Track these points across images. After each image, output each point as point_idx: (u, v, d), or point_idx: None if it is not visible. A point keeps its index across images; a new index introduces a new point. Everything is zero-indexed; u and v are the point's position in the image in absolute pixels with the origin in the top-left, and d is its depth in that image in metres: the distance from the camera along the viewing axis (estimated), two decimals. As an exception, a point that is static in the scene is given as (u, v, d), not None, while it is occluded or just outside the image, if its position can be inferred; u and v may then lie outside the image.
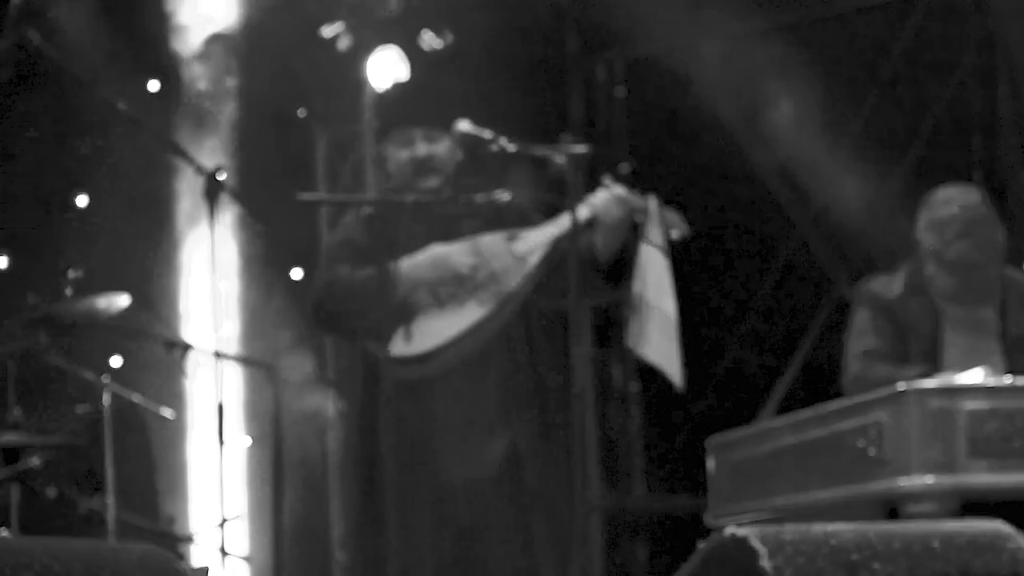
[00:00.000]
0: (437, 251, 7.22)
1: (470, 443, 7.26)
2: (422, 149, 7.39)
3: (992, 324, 7.71)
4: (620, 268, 7.24)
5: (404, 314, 7.11)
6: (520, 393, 7.36)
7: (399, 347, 7.07)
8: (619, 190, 7.20)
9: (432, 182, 7.37)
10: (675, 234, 7.23)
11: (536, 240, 7.26)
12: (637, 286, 7.19)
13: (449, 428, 7.24)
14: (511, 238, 7.28)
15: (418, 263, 7.16)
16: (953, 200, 7.66)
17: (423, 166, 7.35)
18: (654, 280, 7.19)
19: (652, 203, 7.21)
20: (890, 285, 7.77)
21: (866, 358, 7.59)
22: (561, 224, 7.17)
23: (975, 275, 7.63)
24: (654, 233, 7.19)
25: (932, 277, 7.68)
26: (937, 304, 7.69)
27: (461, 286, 7.15)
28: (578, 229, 6.96)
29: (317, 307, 7.34)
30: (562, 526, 7.42)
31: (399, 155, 7.43)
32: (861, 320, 7.74)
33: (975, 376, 7.10)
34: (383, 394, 7.05)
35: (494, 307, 7.18)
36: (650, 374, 12.29)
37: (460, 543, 7.27)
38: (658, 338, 7.23)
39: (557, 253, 7.19)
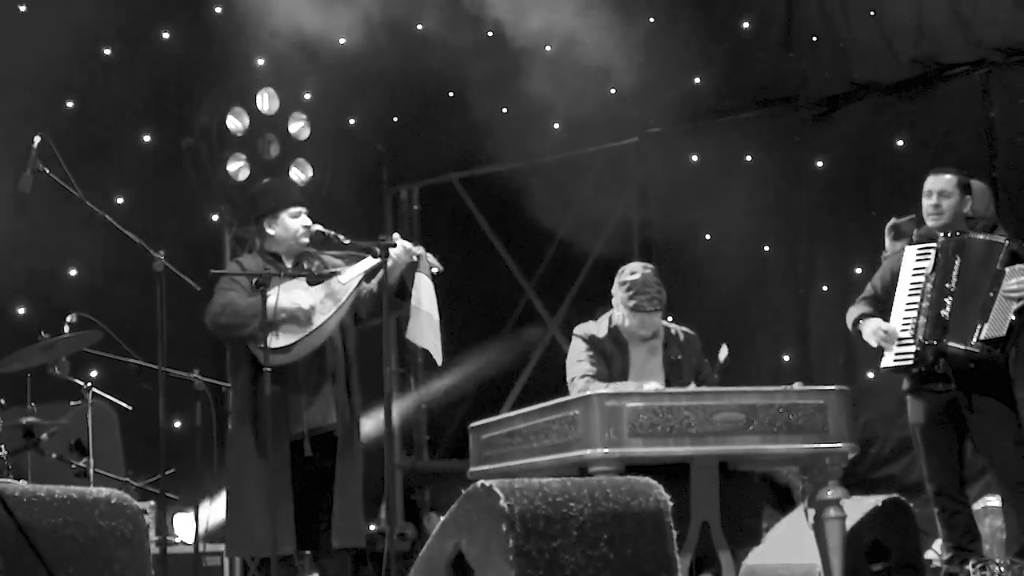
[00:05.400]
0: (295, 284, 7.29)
1: (315, 405, 7.29)
2: (307, 220, 7.46)
3: (658, 352, 7.72)
4: (404, 289, 7.33)
5: (274, 323, 7.12)
6: (340, 380, 7.41)
7: (271, 342, 7.08)
8: (405, 243, 7.31)
9: (307, 240, 7.47)
10: (434, 270, 7.36)
11: (353, 272, 7.35)
12: (414, 299, 7.28)
13: (300, 394, 7.25)
14: (338, 272, 7.36)
15: (283, 291, 7.20)
16: (635, 270, 7.68)
17: (316, 232, 7.42)
18: (425, 295, 7.29)
19: (421, 249, 7.34)
20: (598, 327, 7.78)
21: (587, 379, 7.63)
22: (367, 263, 7.34)
23: (647, 318, 7.63)
24: (424, 267, 7.32)
25: (621, 319, 7.69)
26: (624, 339, 7.72)
27: (311, 304, 7.23)
28: (386, 267, 7.12)
29: (214, 320, 7.29)
30: (374, 479, 7.51)
31: (291, 222, 7.47)
32: (578, 351, 7.72)
33: (643, 387, 7.24)
34: (260, 374, 7.05)
35: (329, 314, 7.21)
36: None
37: (311, 470, 7.30)
38: (427, 332, 7.30)
39: (364, 287, 7.37)
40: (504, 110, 11.72)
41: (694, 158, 11.48)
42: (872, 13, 10.27)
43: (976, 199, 7.97)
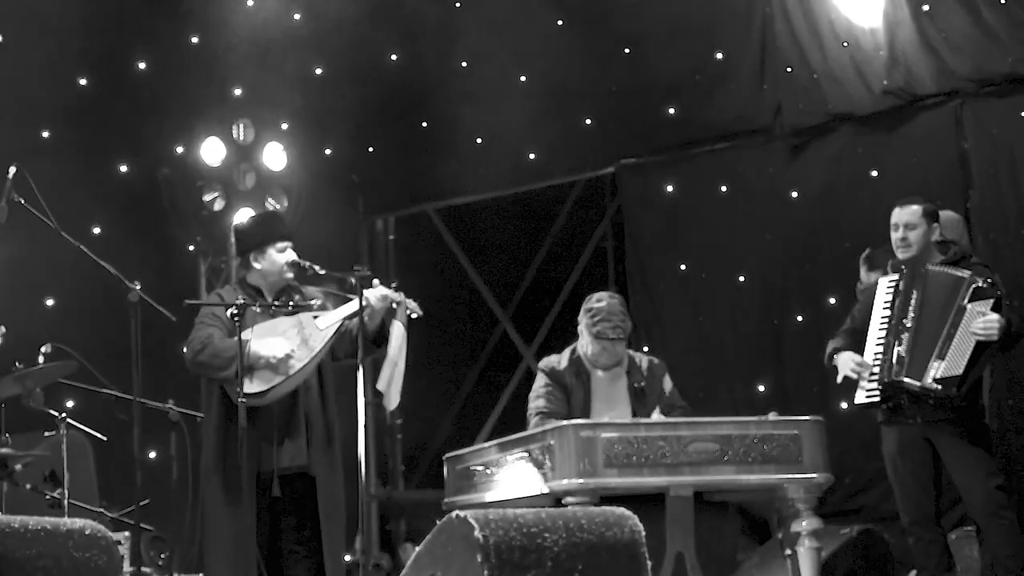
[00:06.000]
0: (272, 325, 7.26)
1: (285, 446, 7.26)
2: (293, 254, 7.44)
3: (622, 380, 7.74)
4: (381, 336, 7.31)
5: (250, 367, 7.10)
6: (316, 420, 7.38)
7: (247, 386, 7.05)
8: (383, 289, 7.29)
9: (291, 274, 7.46)
10: (413, 315, 7.34)
11: (332, 318, 7.33)
12: (387, 347, 7.28)
13: (271, 436, 7.23)
14: (316, 316, 7.33)
15: (261, 332, 7.18)
16: (601, 298, 7.73)
17: (292, 263, 7.42)
18: (396, 344, 7.27)
19: (400, 295, 7.32)
20: (559, 359, 7.82)
21: (540, 416, 7.64)
22: (347, 308, 7.30)
23: (610, 346, 7.67)
24: (401, 315, 7.30)
25: (585, 347, 7.73)
26: (587, 367, 7.75)
27: (287, 352, 7.20)
28: (363, 312, 7.09)
29: (193, 358, 7.27)
30: (348, 509, 7.48)
31: (278, 256, 7.45)
32: (538, 386, 7.77)
33: (605, 416, 7.25)
34: (233, 408, 7.03)
35: (306, 361, 7.20)
36: (408, 412, 12.23)
37: (283, 508, 7.28)
38: (390, 379, 7.28)
39: (344, 325, 7.32)
40: (479, 140, 11.74)
41: (669, 188, 11.51)
42: (845, 44, 10.31)
43: (949, 229, 7.98)
